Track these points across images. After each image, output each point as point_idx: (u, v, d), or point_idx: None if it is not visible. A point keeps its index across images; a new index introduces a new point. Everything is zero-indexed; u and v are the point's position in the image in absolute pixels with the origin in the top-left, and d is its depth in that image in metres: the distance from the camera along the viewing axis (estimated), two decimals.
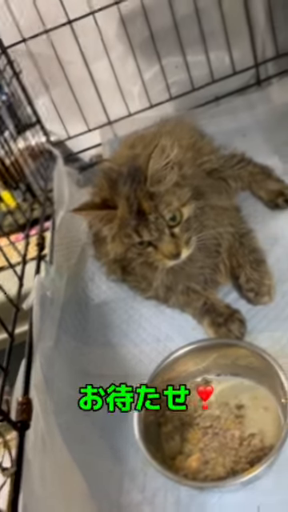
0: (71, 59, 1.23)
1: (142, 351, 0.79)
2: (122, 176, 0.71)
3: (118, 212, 0.70)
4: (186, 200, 0.71)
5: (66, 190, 1.19)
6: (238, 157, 1.00)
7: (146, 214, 0.67)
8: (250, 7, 1.21)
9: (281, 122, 1.16)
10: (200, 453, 0.60)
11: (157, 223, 0.67)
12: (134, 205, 0.68)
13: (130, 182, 0.69)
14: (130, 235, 0.69)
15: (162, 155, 0.68)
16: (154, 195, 0.68)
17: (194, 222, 0.72)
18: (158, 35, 1.21)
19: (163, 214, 0.68)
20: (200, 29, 1.21)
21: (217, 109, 1.31)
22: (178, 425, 0.64)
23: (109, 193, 0.71)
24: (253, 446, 0.58)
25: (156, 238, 0.68)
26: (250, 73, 1.31)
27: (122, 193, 0.69)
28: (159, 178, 0.69)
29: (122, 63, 1.25)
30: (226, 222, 0.79)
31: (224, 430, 0.61)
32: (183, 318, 0.82)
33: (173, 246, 0.69)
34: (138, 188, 0.68)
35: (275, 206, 0.93)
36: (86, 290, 0.94)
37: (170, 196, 0.69)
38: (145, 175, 0.68)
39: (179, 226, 0.70)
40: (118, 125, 1.32)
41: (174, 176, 0.70)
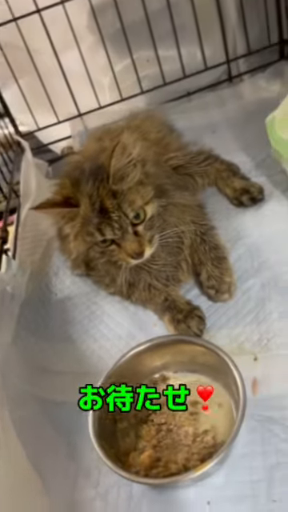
0: (40, 49, 1.21)
1: (102, 347, 0.79)
2: (85, 174, 0.70)
3: (80, 210, 0.69)
4: (149, 198, 0.71)
5: (33, 183, 1.17)
6: (205, 153, 1.00)
7: (109, 213, 0.67)
8: (221, 3, 1.20)
9: (250, 120, 1.16)
10: (153, 449, 0.60)
11: (120, 221, 0.67)
12: (96, 203, 0.67)
13: (92, 180, 0.69)
14: (93, 233, 0.69)
15: (124, 153, 0.68)
16: (116, 193, 0.68)
17: (157, 220, 0.72)
18: (130, 28, 1.20)
19: (126, 213, 0.67)
20: (172, 23, 1.19)
21: (188, 104, 1.31)
22: (133, 422, 0.65)
23: (71, 191, 0.70)
24: (205, 443, 0.59)
25: (119, 236, 0.68)
26: (222, 69, 1.31)
27: (84, 191, 0.69)
28: (122, 176, 0.68)
29: (92, 55, 1.23)
30: (188, 219, 0.79)
31: (178, 426, 0.62)
32: (146, 314, 0.82)
33: (136, 244, 0.69)
34: (100, 186, 0.68)
35: (240, 203, 0.94)
36: (49, 285, 0.93)
37: (134, 194, 0.69)
38: (107, 173, 0.68)
39: (142, 224, 0.70)
40: (89, 117, 1.30)
41: (137, 174, 0.70)
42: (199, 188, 0.98)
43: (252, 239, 0.87)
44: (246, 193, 0.94)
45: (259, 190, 0.93)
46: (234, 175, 0.98)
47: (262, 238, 0.86)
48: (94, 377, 0.68)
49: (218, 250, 0.80)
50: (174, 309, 0.76)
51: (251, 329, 0.72)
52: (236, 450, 0.59)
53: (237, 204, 0.95)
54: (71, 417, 0.68)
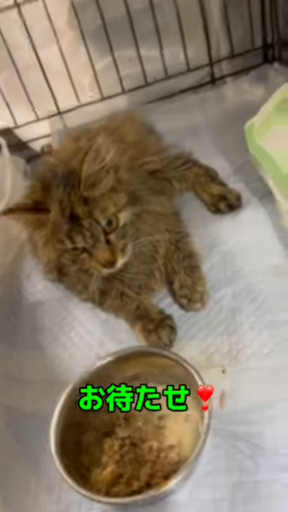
0: (19, 44, 1.18)
1: (72, 356, 0.77)
2: (57, 177, 0.68)
3: (50, 216, 0.66)
4: (122, 205, 0.68)
5: (8, 182, 1.14)
6: (184, 157, 0.99)
7: (80, 219, 0.65)
8: (205, 4, 1.18)
9: (232, 123, 1.15)
10: (115, 465, 0.59)
11: (91, 229, 0.65)
12: (66, 209, 0.65)
13: (63, 186, 0.66)
14: (63, 241, 0.66)
15: (97, 158, 0.66)
16: (88, 200, 0.65)
17: (130, 228, 0.70)
18: (111, 26, 1.17)
19: (98, 220, 0.65)
20: (155, 23, 1.17)
21: (170, 106, 1.29)
22: (98, 435, 0.63)
23: (41, 195, 0.67)
24: (170, 459, 0.58)
25: (90, 244, 0.66)
26: (205, 71, 1.29)
27: (55, 196, 0.66)
28: (94, 181, 0.66)
29: (72, 52, 1.21)
30: (163, 228, 0.77)
31: (142, 440, 0.61)
32: (117, 322, 0.80)
33: (108, 253, 0.67)
34: (71, 192, 0.65)
35: (217, 210, 0.93)
36: (20, 289, 0.91)
37: (106, 201, 0.66)
38: (79, 179, 0.65)
39: (115, 232, 0.68)
40: (69, 115, 1.27)
41: (109, 180, 0.68)
42: (176, 193, 0.97)
43: (227, 247, 0.86)
44: (224, 199, 0.92)
45: (236, 197, 0.92)
46: (211, 180, 0.96)
47: (237, 246, 0.85)
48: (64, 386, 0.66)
49: (192, 258, 0.78)
50: (146, 318, 0.75)
51: (221, 340, 0.72)
52: (200, 467, 0.58)
53: (214, 210, 0.93)
54: (37, 429, 0.66)
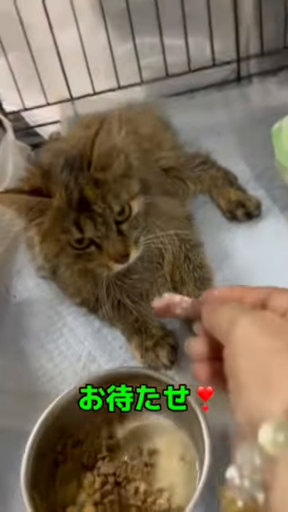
0: (35, 23, 1.09)
1: (56, 367, 0.69)
2: (58, 163, 0.58)
3: (53, 201, 0.56)
4: (135, 193, 0.59)
5: (9, 166, 1.06)
6: (201, 157, 0.91)
7: (91, 204, 0.55)
8: None
9: (256, 125, 1.07)
10: (94, 507, 0.50)
11: (104, 215, 0.55)
12: (74, 192, 0.55)
13: (68, 169, 0.57)
14: (69, 230, 0.56)
15: (108, 138, 0.57)
16: (99, 182, 0.56)
17: (142, 219, 0.61)
18: (135, 10, 1.09)
19: (111, 205, 0.56)
20: (182, 10, 1.09)
21: (190, 101, 1.20)
22: (77, 466, 0.55)
23: (40, 181, 0.57)
24: (158, 506, 0.49)
25: (102, 233, 0.56)
26: (231, 67, 1.20)
27: (58, 180, 0.56)
28: (105, 164, 0.57)
29: (91, 35, 1.12)
30: (172, 231, 0.68)
31: (128, 480, 0.52)
32: (112, 333, 0.72)
33: (120, 244, 0.57)
34: (79, 174, 0.56)
35: (233, 217, 0.84)
36: (8, 286, 0.83)
37: (119, 186, 0.57)
38: (88, 159, 0.56)
39: (127, 222, 0.58)
40: (80, 102, 1.19)
41: (121, 164, 0.59)
42: (190, 194, 0.88)
43: (242, 260, 0.77)
44: (242, 206, 0.84)
45: (256, 205, 0.84)
46: (230, 185, 0.88)
47: (253, 259, 0.77)
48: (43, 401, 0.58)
49: (203, 269, 0.70)
50: (144, 333, 0.66)
51: None
52: None
53: (230, 217, 0.85)
54: (8, 448, 0.58)
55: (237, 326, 0.33)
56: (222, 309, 0.36)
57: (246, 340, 0.32)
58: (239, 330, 0.33)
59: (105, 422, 0.58)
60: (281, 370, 0.28)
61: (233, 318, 0.34)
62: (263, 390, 0.28)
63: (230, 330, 0.33)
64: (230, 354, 0.33)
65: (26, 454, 0.51)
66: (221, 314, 0.36)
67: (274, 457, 0.24)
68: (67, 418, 0.56)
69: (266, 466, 0.25)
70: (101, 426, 0.58)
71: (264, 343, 0.31)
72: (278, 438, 0.24)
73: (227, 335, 0.33)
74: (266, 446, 0.25)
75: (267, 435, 0.25)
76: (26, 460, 0.51)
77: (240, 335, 0.32)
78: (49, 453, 0.55)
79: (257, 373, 0.29)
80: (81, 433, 0.57)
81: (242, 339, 0.32)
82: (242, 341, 0.32)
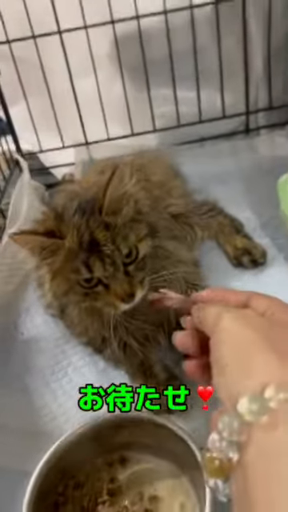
0: (56, 70, 1.16)
1: (61, 406, 0.69)
2: (71, 207, 0.62)
3: (65, 242, 0.59)
4: (142, 235, 0.62)
5: (24, 205, 1.10)
6: (209, 205, 0.94)
7: (100, 246, 0.58)
8: (249, 53, 1.16)
9: (262, 176, 1.10)
10: None
11: (112, 256, 0.58)
12: (85, 235, 0.58)
13: (80, 213, 0.60)
14: (79, 269, 0.58)
15: (120, 183, 0.61)
16: (109, 226, 0.59)
17: (148, 261, 0.64)
18: (151, 63, 1.15)
19: (120, 248, 0.59)
20: (195, 65, 1.15)
21: (200, 150, 1.25)
22: (77, 509, 0.55)
23: (54, 224, 0.61)
24: None
25: (110, 273, 0.58)
26: (240, 119, 1.26)
27: (70, 223, 0.60)
28: (115, 208, 0.60)
29: (108, 84, 1.18)
30: (179, 275, 0.70)
31: None
32: (117, 374, 0.73)
33: (127, 284, 0.59)
34: (90, 218, 0.59)
35: (239, 264, 0.87)
36: (17, 322, 0.84)
37: (127, 230, 0.60)
38: (100, 204, 0.60)
39: (134, 263, 0.61)
40: (95, 147, 1.24)
41: (130, 210, 0.62)
42: (198, 240, 0.91)
43: None
44: (248, 254, 0.86)
45: (262, 253, 0.86)
46: (236, 232, 0.91)
47: None
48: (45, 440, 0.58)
49: None
50: (149, 377, 0.67)
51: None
52: None
53: (236, 264, 0.87)
54: (9, 488, 0.58)
55: (222, 319, 0.39)
56: (209, 306, 0.43)
57: (230, 331, 0.38)
58: (224, 323, 0.39)
59: (106, 463, 0.58)
60: (258, 358, 0.34)
61: (219, 314, 0.40)
62: (243, 372, 0.34)
63: (216, 323, 0.39)
64: (215, 342, 0.38)
65: (27, 495, 0.51)
66: (208, 310, 0.42)
67: (250, 422, 0.31)
68: (69, 459, 0.56)
69: (243, 430, 0.31)
70: (102, 468, 0.58)
71: (245, 334, 0.37)
72: (253, 408, 0.31)
73: (213, 327, 0.39)
74: (244, 414, 0.31)
75: (245, 405, 0.31)
76: (27, 502, 0.51)
77: (224, 327, 0.38)
78: (50, 494, 0.55)
79: (238, 358, 0.35)
80: (82, 474, 0.57)
81: (226, 330, 0.38)
82: (225, 331, 0.38)
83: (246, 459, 0.30)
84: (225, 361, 0.36)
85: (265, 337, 0.36)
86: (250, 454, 0.30)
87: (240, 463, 0.31)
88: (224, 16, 1.09)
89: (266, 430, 0.30)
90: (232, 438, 0.31)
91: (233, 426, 0.31)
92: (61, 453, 0.55)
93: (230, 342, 0.37)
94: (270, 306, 0.41)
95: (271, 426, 0.30)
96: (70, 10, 1.06)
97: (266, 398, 0.31)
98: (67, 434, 0.56)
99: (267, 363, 0.33)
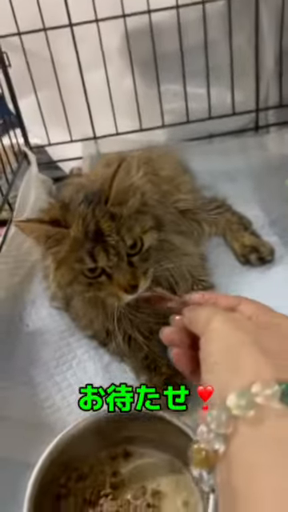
0: (66, 64, 1.15)
1: (64, 398, 0.69)
2: (77, 198, 0.62)
3: (70, 231, 0.59)
4: (147, 227, 0.62)
5: (31, 198, 1.10)
6: (217, 202, 0.93)
7: (105, 236, 0.58)
8: (260, 50, 1.15)
9: (271, 173, 1.10)
10: None
11: (117, 247, 0.58)
12: (91, 224, 0.58)
13: (86, 203, 0.60)
14: (83, 259, 0.59)
15: (127, 175, 0.61)
16: (115, 216, 0.59)
17: (153, 253, 0.64)
18: (162, 58, 1.14)
19: (124, 238, 0.59)
20: (206, 61, 1.14)
21: (209, 146, 1.25)
22: (80, 501, 0.54)
23: (59, 213, 0.61)
24: None
25: (113, 263, 0.59)
26: (249, 116, 1.25)
27: (76, 213, 0.60)
28: (121, 199, 0.60)
29: (118, 78, 1.18)
30: (184, 268, 0.70)
31: None
32: (121, 369, 0.72)
33: (130, 275, 0.59)
34: (96, 208, 0.59)
35: (246, 261, 0.86)
36: (22, 314, 0.84)
37: (132, 221, 0.60)
38: (107, 194, 0.60)
39: (138, 255, 0.61)
40: (103, 141, 1.24)
41: (136, 202, 0.62)
42: (205, 236, 0.91)
43: None
44: (255, 251, 0.86)
45: (270, 251, 0.86)
46: (244, 229, 0.90)
47: None
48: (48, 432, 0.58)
49: None
50: (153, 371, 0.67)
51: None
52: None
53: (243, 261, 0.87)
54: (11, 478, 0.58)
55: (213, 320, 0.41)
56: (201, 308, 0.45)
57: (220, 331, 0.40)
58: (214, 324, 0.40)
59: (109, 457, 0.58)
60: (247, 357, 0.36)
61: (210, 315, 0.42)
62: (233, 370, 0.36)
63: (207, 323, 0.41)
64: (205, 341, 0.40)
65: (29, 487, 0.51)
66: (200, 312, 0.44)
67: (237, 416, 0.32)
68: (72, 451, 0.56)
69: (230, 423, 0.32)
70: (105, 462, 0.58)
71: (234, 335, 0.39)
72: (241, 403, 0.32)
73: (204, 327, 0.41)
74: (232, 408, 0.33)
75: (233, 400, 0.33)
76: (29, 493, 0.51)
77: (215, 327, 0.40)
78: (52, 486, 0.54)
79: (227, 357, 0.37)
80: (85, 467, 0.57)
81: (216, 330, 0.40)
82: (216, 331, 0.40)
83: (231, 450, 0.32)
84: (214, 359, 0.38)
85: (253, 338, 0.37)
86: (235, 446, 0.32)
87: (225, 454, 0.32)
88: (236, 12, 1.08)
89: (252, 424, 0.32)
90: (219, 430, 0.33)
91: (221, 419, 0.33)
92: (63, 445, 0.55)
93: (219, 341, 0.39)
94: (256, 310, 0.43)
95: (257, 421, 0.32)
96: (82, 4, 1.05)
97: (253, 394, 0.32)
98: (70, 427, 0.56)
99: (255, 362, 0.35)
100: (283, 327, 0.40)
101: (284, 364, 0.36)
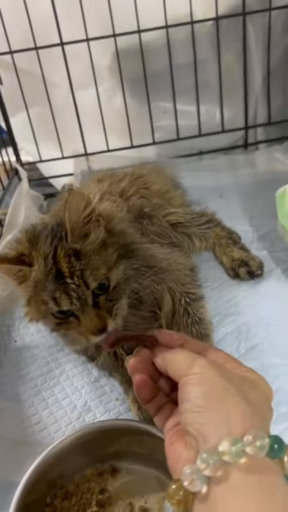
0: (57, 82, 1.17)
1: (51, 416, 0.68)
2: (46, 229, 0.58)
3: (32, 271, 0.56)
4: (112, 263, 0.57)
5: (21, 214, 1.10)
6: (207, 216, 0.94)
7: (66, 278, 0.54)
8: (248, 69, 1.17)
9: (260, 190, 1.11)
10: None
11: (78, 291, 0.54)
12: (51, 265, 0.54)
13: (51, 238, 0.56)
14: (47, 302, 0.55)
15: (81, 203, 0.55)
16: (79, 254, 0.55)
17: (123, 287, 0.59)
18: (152, 77, 1.16)
19: (88, 282, 0.54)
20: (195, 79, 1.16)
21: (199, 163, 1.26)
22: None
23: (26, 247, 0.57)
24: None
25: (77, 308, 0.54)
26: (239, 134, 1.27)
27: (41, 249, 0.56)
28: (82, 232, 0.56)
29: (109, 96, 1.20)
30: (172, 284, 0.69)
31: None
32: (110, 383, 0.71)
33: (96, 319, 0.54)
34: (59, 245, 0.55)
35: (236, 275, 0.86)
36: (11, 329, 0.83)
37: (97, 259, 0.55)
38: (65, 229, 0.55)
39: (106, 294, 0.56)
40: (94, 158, 1.25)
41: (100, 234, 0.57)
42: (195, 250, 0.91)
43: (244, 318, 0.78)
44: (245, 265, 0.86)
45: (259, 265, 0.86)
46: (233, 244, 0.90)
47: (254, 319, 0.77)
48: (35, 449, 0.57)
49: (201, 325, 0.70)
50: None
51: None
52: None
53: (232, 275, 0.87)
54: None
55: (195, 364, 0.41)
56: (177, 352, 0.45)
57: (204, 375, 0.40)
58: (198, 368, 0.41)
59: (96, 474, 0.57)
60: (235, 408, 0.37)
61: (192, 359, 0.42)
62: (223, 419, 0.36)
63: (189, 367, 0.41)
64: (189, 383, 0.40)
65: (13, 506, 0.49)
66: (178, 356, 0.45)
67: (227, 462, 0.34)
68: (58, 468, 0.55)
69: (219, 467, 0.34)
70: (91, 479, 0.56)
71: (219, 382, 0.39)
72: (233, 449, 0.34)
73: (186, 371, 0.41)
74: (224, 453, 0.34)
75: (226, 446, 0.34)
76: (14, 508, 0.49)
77: (199, 371, 0.41)
78: (37, 505, 0.53)
79: (215, 403, 0.38)
80: (71, 484, 0.56)
81: (200, 374, 0.40)
82: (200, 375, 0.40)
83: (216, 493, 0.34)
84: (200, 402, 0.38)
85: (236, 388, 0.39)
86: (222, 490, 0.34)
87: (207, 497, 0.34)
88: (224, 31, 1.10)
89: (242, 471, 0.34)
90: (207, 472, 0.34)
91: (209, 463, 0.34)
92: (49, 462, 0.54)
93: (204, 385, 0.39)
94: (227, 358, 0.45)
95: (248, 469, 0.34)
96: (73, 23, 1.07)
97: (245, 443, 0.34)
98: (56, 443, 0.55)
99: (243, 410, 0.37)
100: (257, 381, 0.42)
101: (265, 416, 0.39)
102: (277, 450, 0.35)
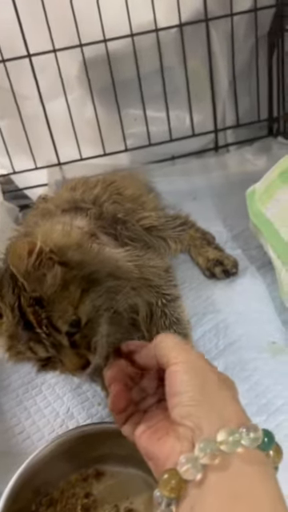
0: (27, 93, 1.17)
1: (34, 423, 0.68)
2: (7, 273, 0.54)
3: (2, 323, 0.54)
4: (77, 300, 0.54)
5: None
6: (181, 219, 0.95)
7: (35, 328, 0.52)
8: (214, 73, 1.20)
9: (232, 191, 1.13)
10: None
11: (49, 339, 0.52)
12: (18, 317, 0.52)
13: (12, 286, 0.53)
14: (24, 352, 0.54)
15: (23, 252, 0.51)
16: (41, 302, 0.52)
17: (96, 319, 0.56)
18: (121, 85, 1.18)
19: (58, 326, 0.52)
20: (163, 86, 1.18)
21: (171, 168, 1.28)
22: None
23: None
24: None
25: (54, 353, 0.53)
26: (209, 137, 1.29)
27: (6, 298, 0.53)
28: (37, 277, 0.52)
29: (79, 106, 1.20)
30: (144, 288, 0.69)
31: None
32: (92, 389, 0.72)
33: (77, 358, 0.54)
34: (21, 294, 0.52)
35: (212, 275, 0.88)
36: None
37: (62, 301, 0.53)
38: (20, 279, 0.52)
39: (79, 332, 0.54)
40: (68, 167, 1.25)
41: (57, 274, 0.53)
42: (171, 253, 0.92)
43: (221, 316, 0.79)
44: (220, 264, 0.87)
45: (233, 263, 0.87)
46: (208, 244, 0.92)
47: (231, 316, 0.79)
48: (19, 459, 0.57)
49: (179, 325, 0.71)
50: None
51: None
52: None
53: (208, 275, 0.88)
54: None
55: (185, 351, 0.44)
56: (166, 336, 0.48)
57: (193, 364, 0.42)
58: (188, 355, 0.43)
59: (81, 479, 0.57)
60: (229, 403, 0.40)
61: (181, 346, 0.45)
62: (218, 412, 0.39)
63: (179, 353, 0.43)
64: (178, 371, 0.42)
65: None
66: (166, 338, 0.47)
67: (225, 451, 0.36)
68: (43, 475, 0.55)
69: (217, 456, 0.36)
70: (76, 484, 0.56)
71: (208, 374, 0.42)
72: (230, 439, 0.36)
73: (177, 357, 0.43)
74: (222, 443, 0.36)
75: (223, 436, 0.36)
76: None
77: (189, 359, 0.43)
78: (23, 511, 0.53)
79: (207, 396, 0.40)
80: (56, 491, 0.56)
81: (190, 362, 0.43)
82: (189, 363, 0.42)
83: (212, 479, 0.36)
84: (195, 395, 0.40)
85: (222, 383, 0.42)
86: (219, 476, 0.36)
87: (201, 483, 0.36)
88: (188, 37, 1.13)
89: (241, 460, 0.36)
90: (204, 460, 0.36)
91: (206, 451, 0.36)
92: (33, 470, 0.54)
93: (195, 377, 0.41)
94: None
95: (245, 458, 0.36)
96: (39, 34, 1.08)
97: (241, 434, 0.37)
98: (39, 450, 0.55)
99: (234, 404, 0.40)
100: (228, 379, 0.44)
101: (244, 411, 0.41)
102: (267, 443, 0.38)
